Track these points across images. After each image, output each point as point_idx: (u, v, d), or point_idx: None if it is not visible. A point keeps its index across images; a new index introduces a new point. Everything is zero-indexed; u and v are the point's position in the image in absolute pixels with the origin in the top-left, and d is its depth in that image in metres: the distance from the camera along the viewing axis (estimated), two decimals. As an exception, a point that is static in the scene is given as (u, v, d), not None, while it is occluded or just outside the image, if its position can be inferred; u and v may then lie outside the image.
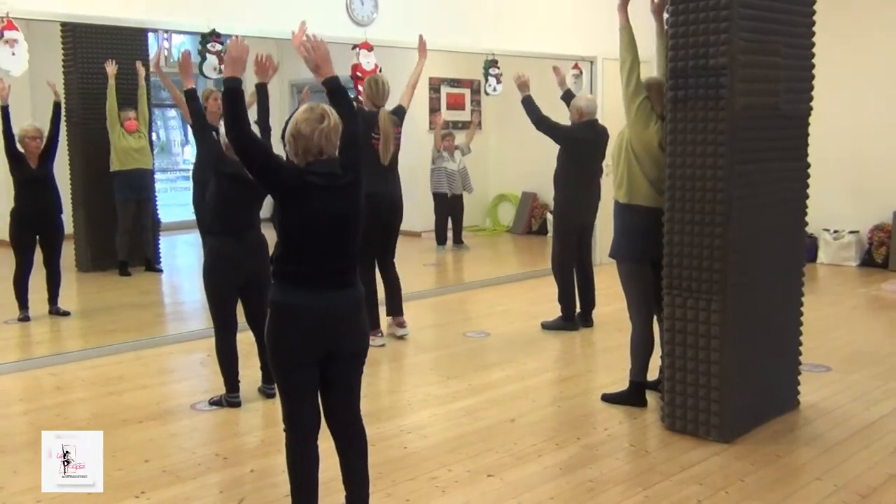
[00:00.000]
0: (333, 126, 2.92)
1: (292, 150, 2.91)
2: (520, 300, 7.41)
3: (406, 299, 6.80)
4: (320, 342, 2.92)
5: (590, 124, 6.12)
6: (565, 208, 6.16)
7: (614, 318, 6.26)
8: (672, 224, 4.09)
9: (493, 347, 5.87)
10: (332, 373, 3.00)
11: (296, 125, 2.88)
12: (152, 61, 4.66)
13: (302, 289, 2.89)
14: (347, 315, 2.97)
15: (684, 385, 4.11)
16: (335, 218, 2.90)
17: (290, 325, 2.90)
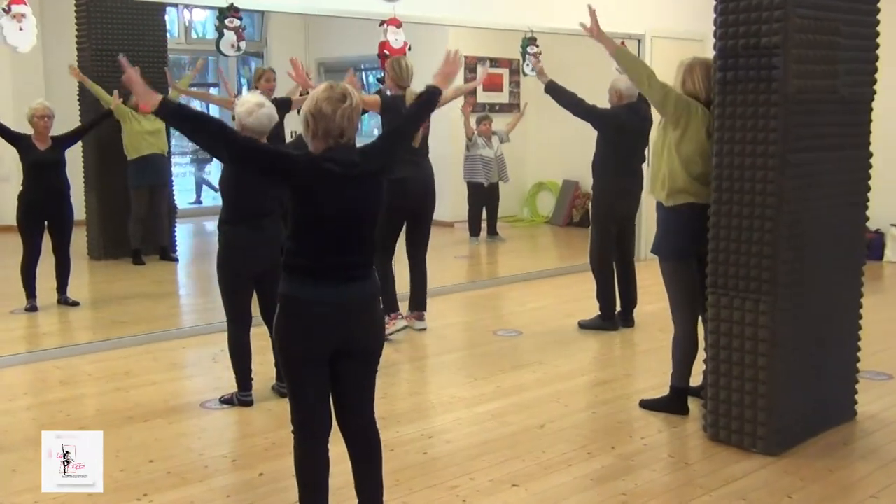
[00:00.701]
0: (356, 106, 2.92)
1: (311, 131, 2.91)
2: (556, 297, 7.37)
3: (434, 294, 6.81)
4: (331, 338, 2.92)
5: (631, 107, 6.05)
6: (605, 198, 6.11)
7: (657, 317, 6.20)
8: (718, 217, 4.03)
9: (524, 347, 5.85)
10: (344, 372, 3.00)
11: (316, 104, 2.88)
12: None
13: (312, 281, 2.89)
14: (361, 310, 2.96)
15: (729, 392, 4.05)
16: (351, 209, 2.90)
17: (299, 320, 2.90)
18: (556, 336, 6.10)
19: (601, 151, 6.08)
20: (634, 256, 6.50)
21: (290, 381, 2.99)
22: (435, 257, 7.82)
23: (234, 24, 6.25)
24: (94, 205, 8.13)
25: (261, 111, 4.32)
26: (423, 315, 6.19)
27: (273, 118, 4.39)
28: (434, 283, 6.81)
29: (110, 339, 5.87)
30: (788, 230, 3.87)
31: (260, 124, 4.32)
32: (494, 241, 10.10)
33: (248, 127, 4.32)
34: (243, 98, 4.47)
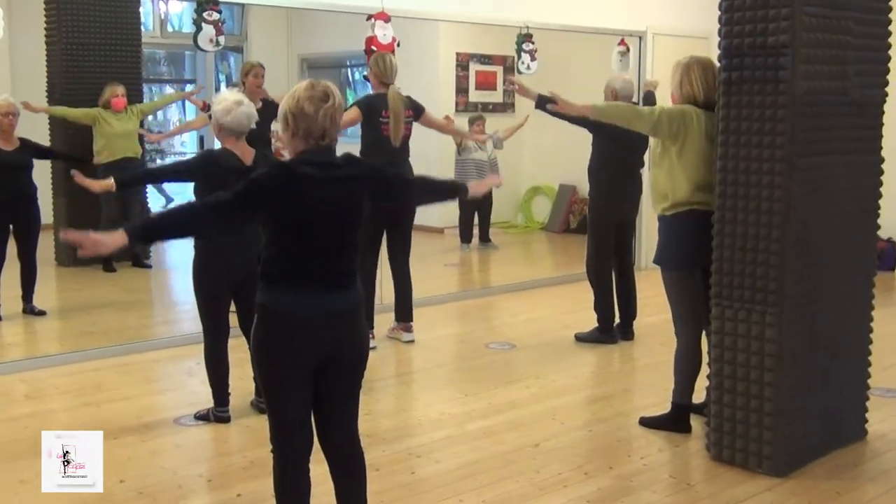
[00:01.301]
0: (338, 106, 2.92)
1: (290, 130, 2.91)
2: (552, 308, 7.38)
3: (422, 304, 6.81)
4: (313, 350, 2.92)
5: (628, 108, 6.07)
6: (601, 203, 6.13)
7: (658, 330, 6.21)
8: (723, 225, 4.04)
9: (518, 361, 5.86)
10: (327, 386, 3.00)
11: (297, 102, 2.88)
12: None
13: (293, 290, 2.89)
14: (345, 320, 2.96)
15: (733, 409, 4.06)
16: (332, 213, 2.90)
17: (279, 331, 2.90)
18: (551, 349, 6.11)
19: (597, 155, 6.11)
20: (634, 265, 6.52)
21: (269, 396, 2.99)
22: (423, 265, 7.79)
23: (212, 18, 6.26)
24: (62, 208, 8.09)
25: (239, 110, 4.32)
26: (410, 326, 6.19)
27: (252, 117, 4.38)
28: (422, 292, 6.81)
29: (79, 351, 5.85)
30: (796, 238, 3.89)
31: (238, 124, 4.32)
32: (487, 249, 10.11)
33: (225, 127, 4.31)
34: (220, 96, 4.46)
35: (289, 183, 2.85)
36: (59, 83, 8.05)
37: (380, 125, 5.80)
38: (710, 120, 4.23)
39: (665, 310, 4.57)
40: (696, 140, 4.26)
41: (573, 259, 9.47)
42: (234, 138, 4.35)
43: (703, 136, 4.26)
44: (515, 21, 8.13)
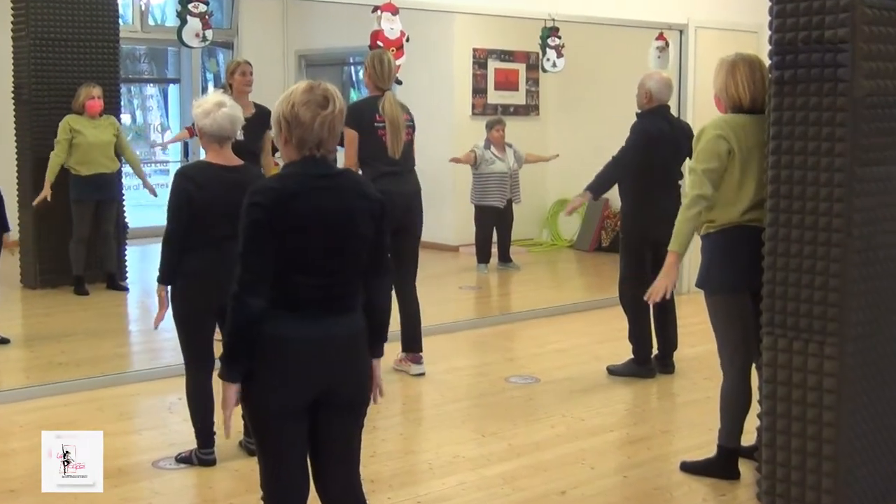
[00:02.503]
0: (338, 113, 2.94)
1: (282, 137, 2.93)
2: (581, 337, 7.37)
3: (434, 332, 6.81)
4: (311, 384, 2.93)
5: (661, 112, 6.08)
6: (634, 220, 6.12)
7: (702, 362, 6.19)
8: (775, 243, 4.03)
9: (542, 397, 5.85)
10: (326, 425, 3.00)
11: (292, 108, 2.90)
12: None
13: (287, 315, 2.90)
14: (346, 349, 2.97)
15: (788, 453, 4.03)
16: (329, 227, 2.91)
17: (271, 363, 2.90)
18: (580, 384, 6.10)
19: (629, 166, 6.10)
20: (675, 289, 6.49)
21: (260, 436, 2.99)
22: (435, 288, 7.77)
23: (199, 10, 6.31)
24: (29, 224, 8.16)
25: (220, 112, 4.33)
26: (420, 357, 6.19)
27: (236, 121, 4.40)
28: (433, 318, 6.81)
29: (47, 384, 5.87)
30: (859, 258, 3.86)
31: (220, 128, 4.33)
32: (507, 269, 10.12)
33: (205, 131, 4.33)
34: (201, 98, 4.48)
35: (278, 196, 2.86)
36: (28, 83, 8.13)
37: (375, 131, 5.81)
38: (759, 126, 4.22)
39: (710, 339, 4.55)
40: (749, 155, 4.24)
41: (605, 281, 9.45)
42: (218, 145, 4.37)
43: (751, 147, 4.24)
44: (540, 13, 8.16)
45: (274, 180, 2.97)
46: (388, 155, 5.83)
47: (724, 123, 4.33)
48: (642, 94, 6.10)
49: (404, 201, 5.85)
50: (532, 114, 11.84)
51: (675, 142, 6.08)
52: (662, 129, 6.04)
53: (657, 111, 6.07)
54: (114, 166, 8.24)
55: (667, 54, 8.70)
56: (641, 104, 6.13)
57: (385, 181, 5.59)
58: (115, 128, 8.21)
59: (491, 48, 11.41)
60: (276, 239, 2.85)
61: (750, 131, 4.27)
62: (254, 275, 2.87)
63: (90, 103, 7.99)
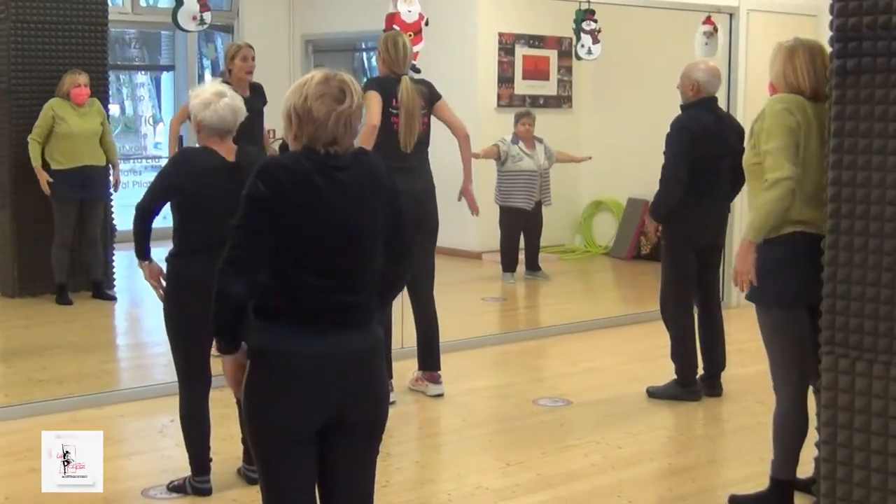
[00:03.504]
0: (356, 107, 2.95)
1: (292, 132, 2.94)
2: (617, 354, 7.36)
3: (453, 348, 6.81)
4: (321, 406, 2.94)
5: (707, 105, 6.06)
6: (679, 224, 6.10)
7: (753, 384, 6.16)
8: (836, 252, 4.01)
9: (574, 422, 5.85)
10: (336, 451, 3.02)
11: (304, 102, 2.90)
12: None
13: (295, 329, 2.92)
14: (358, 367, 2.99)
15: (849, 486, 4.01)
16: (341, 218, 2.92)
17: (277, 382, 2.92)
18: (616, 407, 6.09)
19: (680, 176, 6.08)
20: (722, 302, 6.48)
21: (263, 464, 3.00)
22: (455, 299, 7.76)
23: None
24: (7, 226, 8.22)
25: (221, 102, 4.36)
26: (438, 376, 6.19)
27: (239, 111, 4.42)
28: (452, 333, 6.80)
29: (25, 403, 5.90)
30: (930, 270, 3.84)
31: (221, 120, 4.35)
32: (536, 279, 10.11)
33: (205, 123, 4.35)
34: (198, 88, 4.51)
35: (286, 175, 2.87)
36: (7, 70, 8.18)
37: (389, 116, 5.81)
38: (819, 112, 4.21)
39: (762, 359, 4.53)
40: (810, 141, 4.23)
41: (645, 293, 9.44)
42: (219, 138, 4.39)
43: (813, 137, 4.23)
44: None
45: (285, 158, 2.97)
46: (398, 148, 5.81)
47: (786, 97, 4.31)
48: (688, 86, 6.08)
49: (415, 200, 5.78)
50: (564, 106, 11.84)
51: (721, 137, 6.06)
52: (707, 124, 6.02)
53: (703, 104, 6.05)
54: (101, 159, 8.25)
55: (715, 40, 8.68)
56: (686, 96, 6.11)
57: (394, 178, 5.55)
58: (101, 115, 8.24)
59: (519, 33, 11.42)
60: (275, 222, 2.87)
61: (812, 116, 4.25)
62: (243, 252, 2.90)
63: (75, 91, 8.01)
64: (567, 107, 11.85)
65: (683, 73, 6.12)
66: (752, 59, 8.43)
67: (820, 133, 4.22)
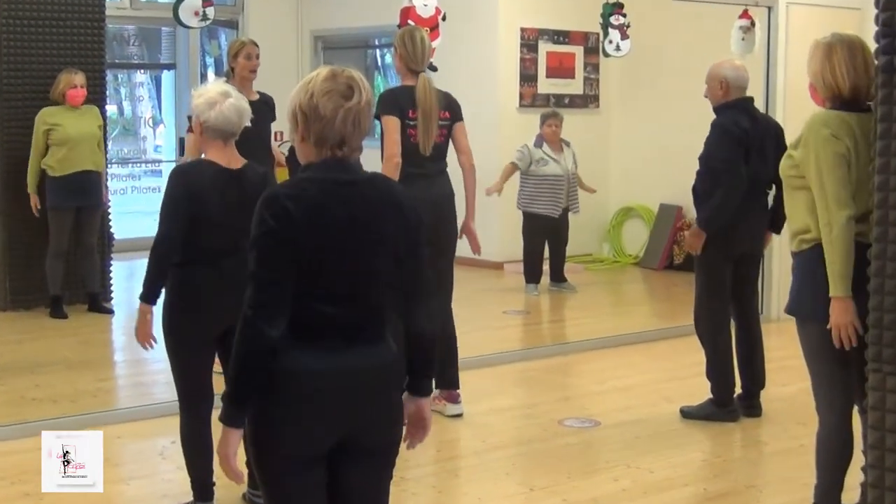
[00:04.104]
0: (365, 105, 2.95)
1: (298, 132, 2.95)
2: (649, 372, 7.35)
3: (473, 364, 6.80)
4: (330, 427, 2.94)
5: (743, 106, 6.04)
6: (713, 237, 6.07)
7: (794, 404, 6.15)
8: (882, 262, 3.99)
9: (603, 444, 5.84)
10: (346, 476, 3.01)
11: (311, 99, 2.91)
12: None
13: (302, 345, 2.92)
14: (372, 385, 2.99)
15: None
16: (354, 243, 2.93)
17: (283, 402, 2.92)
18: (648, 428, 6.07)
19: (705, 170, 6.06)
20: (761, 315, 6.45)
21: (269, 490, 3.00)
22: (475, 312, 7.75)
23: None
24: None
25: (226, 102, 4.36)
26: (457, 395, 6.18)
27: (244, 113, 4.43)
28: (473, 349, 6.79)
29: (17, 423, 5.91)
30: (985, 282, 3.83)
31: (226, 121, 4.36)
32: (561, 291, 10.10)
33: (210, 126, 4.36)
34: (201, 87, 4.52)
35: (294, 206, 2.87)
36: (0, 69, 8.22)
37: (406, 128, 5.83)
38: (861, 123, 4.18)
39: (804, 377, 4.51)
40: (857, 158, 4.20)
41: (678, 306, 9.41)
42: (222, 142, 4.40)
43: (861, 152, 4.20)
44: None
45: (289, 186, 2.98)
46: (417, 151, 5.83)
47: (828, 118, 4.27)
48: (716, 86, 6.06)
49: (434, 209, 5.80)
50: (591, 106, 11.84)
51: (759, 141, 6.04)
52: (745, 126, 6.00)
53: (738, 105, 6.02)
54: (99, 164, 8.28)
55: (752, 36, 8.66)
56: (716, 97, 6.08)
57: (411, 184, 5.56)
58: (99, 120, 8.27)
59: (542, 28, 11.42)
60: (293, 255, 2.87)
61: (858, 131, 4.22)
62: (270, 296, 2.87)
63: (71, 93, 8.03)
64: (594, 107, 11.85)
65: (709, 75, 6.12)
66: (792, 56, 8.40)
67: (866, 144, 4.18)
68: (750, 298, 6.34)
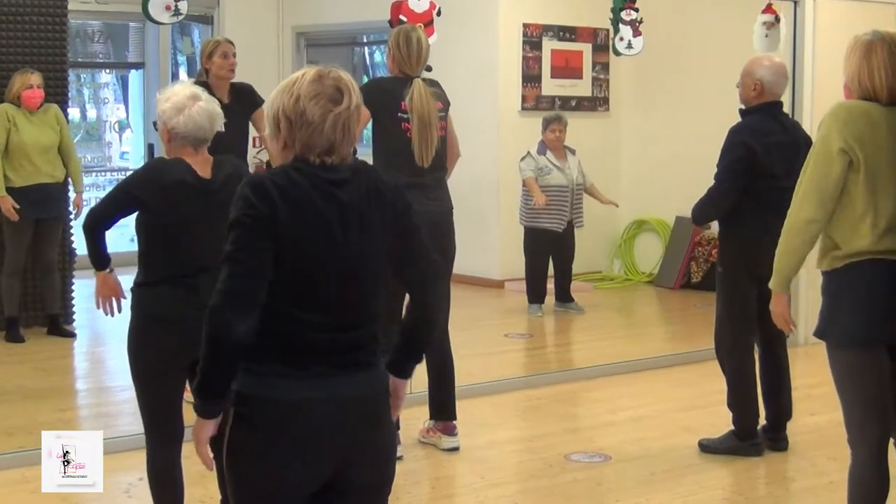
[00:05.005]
0: (355, 109, 2.96)
1: (280, 138, 2.95)
2: (664, 401, 7.35)
3: (471, 393, 6.80)
4: (317, 462, 2.94)
5: (771, 111, 6.04)
6: (736, 248, 6.09)
7: (825, 436, 6.14)
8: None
9: (614, 480, 5.84)
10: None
11: (297, 103, 2.90)
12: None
13: (287, 371, 2.92)
14: (363, 416, 2.99)
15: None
16: (344, 257, 2.93)
17: (265, 434, 2.92)
18: (663, 463, 6.07)
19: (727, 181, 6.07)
20: (787, 339, 6.46)
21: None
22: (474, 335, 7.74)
23: (169, -24, 6.40)
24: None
25: (196, 107, 4.35)
26: (453, 427, 6.17)
27: (216, 117, 4.41)
28: (470, 375, 6.80)
29: (-32, 459, 5.91)
30: None
31: (196, 127, 4.34)
32: (568, 312, 10.12)
33: (178, 132, 4.34)
34: (168, 90, 4.50)
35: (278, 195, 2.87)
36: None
37: (398, 123, 5.79)
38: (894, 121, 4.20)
39: (834, 406, 4.51)
40: (881, 156, 4.22)
41: (696, 328, 9.42)
42: (192, 148, 4.39)
43: (885, 149, 4.22)
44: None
45: (278, 174, 2.95)
46: (412, 161, 5.81)
47: (844, 113, 4.27)
48: (749, 86, 6.05)
49: (430, 224, 5.76)
50: (600, 109, 11.86)
51: (789, 150, 6.03)
52: (771, 134, 5.99)
53: (766, 110, 6.02)
54: (58, 174, 8.25)
55: (777, 32, 8.67)
56: (748, 98, 6.07)
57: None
58: (60, 122, 8.25)
59: (547, 23, 11.45)
60: (273, 247, 2.87)
61: (883, 127, 4.23)
62: (243, 281, 2.87)
63: (27, 94, 8.00)
64: (603, 110, 11.87)
65: (745, 70, 6.09)
66: (821, 56, 8.41)
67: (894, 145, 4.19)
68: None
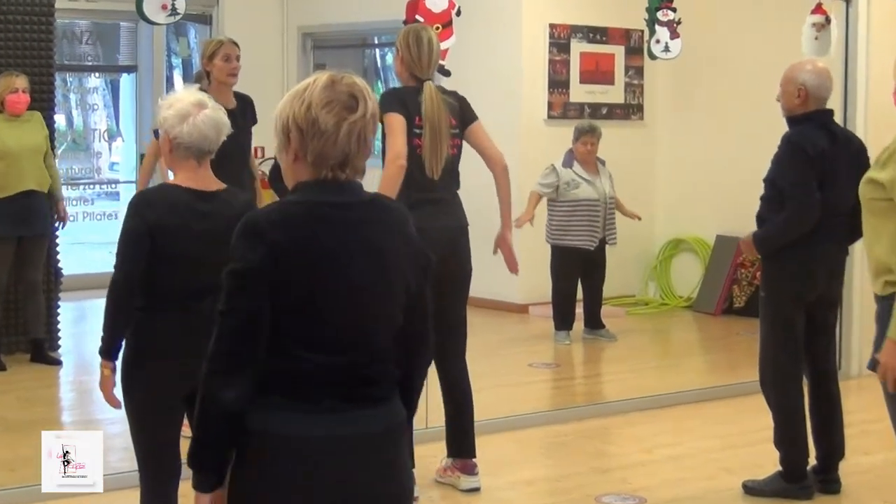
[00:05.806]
0: (371, 117, 2.96)
1: (291, 151, 2.95)
2: (704, 438, 7.33)
3: (492, 428, 6.80)
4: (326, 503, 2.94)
5: (820, 120, 6.03)
6: (782, 271, 6.08)
7: (879, 476, 6.13)
8: None
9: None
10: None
11: (308, 111, 2.90)
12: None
13: (296, 406, 2.93)
14: (375, 453, 2.99)
15: None
16: (353, 280, 2.94)
17: (272, 473, 2.92)
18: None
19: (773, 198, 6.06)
20: (839, 372, 6.44)
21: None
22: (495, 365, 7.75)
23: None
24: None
25: (201, 115, 4.35)
26: (473, 465, 6.15)
27: (222, 127, 4.42)
28: (491, 409, 6.79)
29: (-55, 498, 5.93)
30: None
31: (202, 137, 4.35)
32: (598, 339, 10.10)
33: (181, 141, 4.35)
34: (170, 96, 4.51)
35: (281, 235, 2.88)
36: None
37: (412, 139, 5.80)
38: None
39: (891, 444, 4.50)
40: None
41: (739, 358, 9.41)
42: (195, 161, 4.39)
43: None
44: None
45: (275, 211, 2.97)
46: (423, 173, 5.80)
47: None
48: (793, 92, 6.05)
49: (443, 240, 5.75)
50: (633, 117, 11.86)
51: (837, 162, 6.02)
52: (821, 145, 5.99)
53: (815, 118, 6.01)
54: (44, 183, 8.26)
55: (828, 34, 8.65)
56: (792, 106, 6.06)
57: (418, 213, 5.34)
58: (44, 129, 8.28)
59: (575, 24, 11.46)
60: (275, 298, 2.88)
61: None
62: (234, 348, 2.89)
63: (11, 99, 8.03)
64: (637, 118, 11.87)
65: (785, 78, 6.08)
66: (876, 58, 8.40)
67: None
68: (826, 350, 6.31)
